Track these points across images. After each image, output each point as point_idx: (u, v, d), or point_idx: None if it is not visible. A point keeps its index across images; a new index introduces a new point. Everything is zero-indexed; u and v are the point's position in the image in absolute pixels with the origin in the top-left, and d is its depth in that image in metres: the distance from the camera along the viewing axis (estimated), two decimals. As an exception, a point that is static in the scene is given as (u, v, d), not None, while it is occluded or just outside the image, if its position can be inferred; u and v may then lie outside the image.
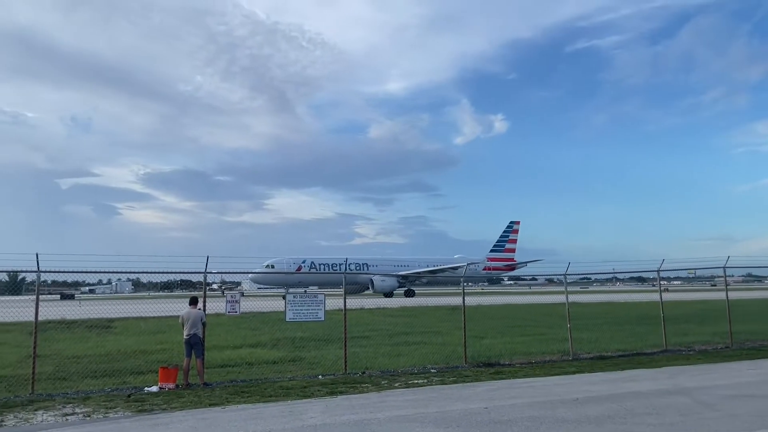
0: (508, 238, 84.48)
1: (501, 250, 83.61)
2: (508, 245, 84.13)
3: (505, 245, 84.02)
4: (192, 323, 12.39)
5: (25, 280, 65.84)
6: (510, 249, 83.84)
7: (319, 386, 12.08)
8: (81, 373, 13.76)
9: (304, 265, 59.39)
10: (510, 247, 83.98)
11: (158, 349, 17.63)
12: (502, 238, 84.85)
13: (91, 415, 9.77)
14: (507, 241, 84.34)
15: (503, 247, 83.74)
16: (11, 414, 9.89)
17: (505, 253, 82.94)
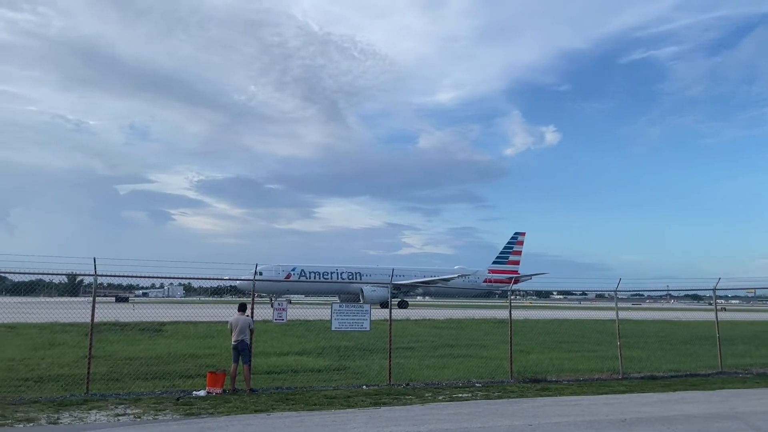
0: (512, 250, 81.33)
1: (504, 261, 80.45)
2: (512, 257, 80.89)
3: (509, 257, 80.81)
4: (240, 329, 12.63)
5: (83, 283, 68.51)
6: (514, 261, 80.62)
7: (363, 396, 12.10)
8: (133, 374, 14.17)
9: (294, 273, 57.41)
10: (514, 259, 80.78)
11: (207, 354, 18.01)
12: (505, 249, 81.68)
13: (141, 416, 10.05)
14: (511, 253, 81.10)
15: (506, 259, 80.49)
16: (67, 412, 10.27)
17: (509, 265, 79.73)
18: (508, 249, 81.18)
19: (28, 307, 38.81)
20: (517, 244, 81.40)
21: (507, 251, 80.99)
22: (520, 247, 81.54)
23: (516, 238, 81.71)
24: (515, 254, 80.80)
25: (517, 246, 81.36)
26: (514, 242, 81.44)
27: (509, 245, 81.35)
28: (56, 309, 34.79)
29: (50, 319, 25.94)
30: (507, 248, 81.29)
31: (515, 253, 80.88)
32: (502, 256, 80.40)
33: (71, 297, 66.81)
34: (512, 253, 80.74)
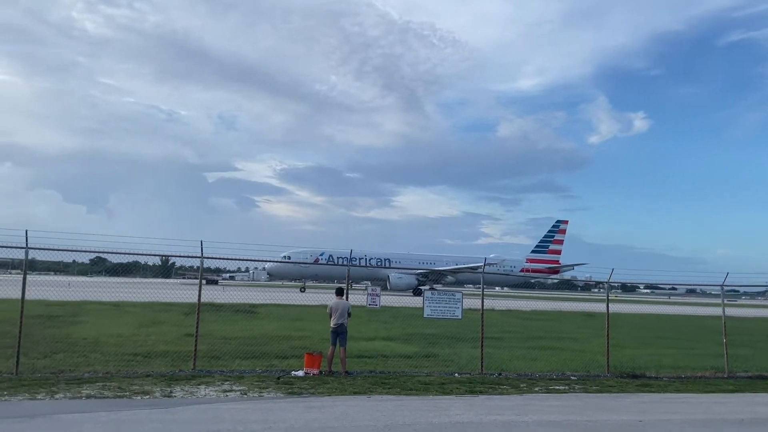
0: (552, 239, 76.77)
1: (544, 251, 76.16)
2: (553, 246, 76.30)
3: (549, 246, 76.33)
4: (340, 313, 12.90)
5: (174, 265, 72.09)
6: (555, 251, 76.05)
7: (457, 384, 12.07)
8: (232, 353, 14.75)
9: (322, 258, 57.59)
10: (555, 249, 76.22)
11: (298, 336, 18.52)
12: (546, 238, 77.22)
13: (247, 393, 10.47)
14: (551, 242, 76.54)
15: (546, 248, 76.11)
16: (178, 386, 10.84)
17: (549, 255, 75.44)
18: (549, 237, 77.05)
19: (128, 287, 41.32)
20: (558, 233, 77.17)
21: (548, 240, 76.93)
22: (561, 235, 77.24)
23: (558, 226, 77.57)
24: (556, 243, 76.49)
25: (558, 234, 77.13)
26: (556, 230, 77.34)
27: (550, 233, 77.35)
28: (153, 289, 36.83)
29: (150, 299, 27.49)
30: (548, 237, 77.23)
31: (556, 242, 76.60)
32: (542, 245, 76.50)
33: (164, 279, 70.39)
34: (553, 242, 76.54)
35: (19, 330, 11.81)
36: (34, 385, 10.39)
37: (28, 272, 12.90)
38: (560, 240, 76.77)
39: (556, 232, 77.19)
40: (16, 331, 16.25)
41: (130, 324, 19.80)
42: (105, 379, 11.26)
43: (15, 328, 17.21)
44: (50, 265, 66.69)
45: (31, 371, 11.62)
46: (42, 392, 9.83)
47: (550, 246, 76.10)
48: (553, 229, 77.40)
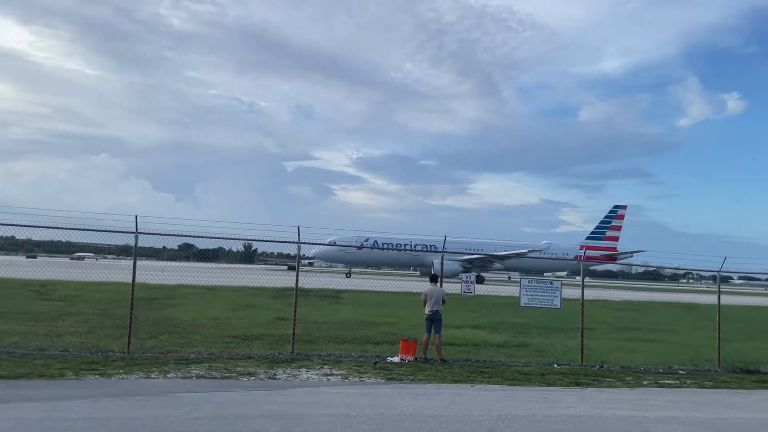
0: (610, 224, 72.40)
1: (600, 237, 71.90)
2: (610, 232, 71.94)
3: (606, 232, 72.09)
4: (435, 300, 12.76)
5: (257, 251, 74.27)
6: (612, 237, 71.65)
7: (558, 375, 11.68)
8: (324, 337, 14.90)
9: (367, 244, 56.97)
10: (612, 235, 71.83)
11: (386, 322, 18.53)
12: (602, 224, 72.92)
13: (348, 377, 10.51)
14: (609, 228, 72.18)
15: (603, 234, 71.88)
16: (280, 369, 11.03)
17: (606, 242, 71.09)
18: (606, 223, 73.05)
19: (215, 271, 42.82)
20: (616, 219, 73.04)
21: (604, 226, 72.96)
22: (619, 221, 73.12)
23: (615, 212, 73.39)
24: (614, 229, 72.45)
25: (616, 220, 73.02)
26: (613, 216, 73.26)
27: (607, 219, 73.32)
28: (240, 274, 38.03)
29: (241, 283, 28.34)
30: (604, 223, 73.26)
31: (614, 228, 72.55)
32: (598, 231, 72.63)
33: (247, 264, 72.66)
34: (610, 228, 72.50)
35: (130, 312, 12.34)
36: (146, 364, 10.83)
37: (129, 257, 13.44)
38: (618, 226, 72.96)
39: (614, 217, 73.38)
40: (123, 313, 17.10)
41: (224, 307, 20.46)
42: (210, 359, 11.62)
43: (122, 309, 18.14)
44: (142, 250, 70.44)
45: (141, 351, 12.13)
46: (155, 371, 10.23)
47: (606, 232, 72.52)
48: (611, 215, 73.67)
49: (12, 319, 15.30)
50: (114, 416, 6.85)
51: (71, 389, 8.55)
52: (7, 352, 11.31)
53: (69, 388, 8.70)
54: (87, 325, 15.07)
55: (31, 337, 13.07)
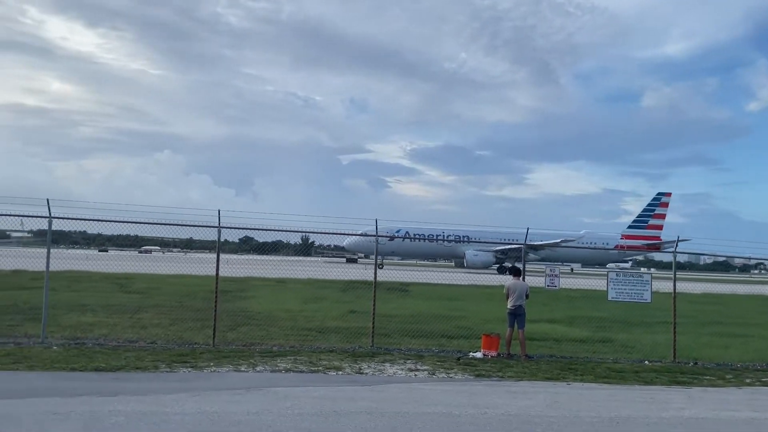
0: (653, 213, 68.18)
1: (643, 226, 67.67)
2: (653, 221, 67.61)
3: (649, 220, 67.85)
4: (518, 295, 12.39)
5: (314, 243, 75.12)
6: (655, 225, 67.31)
7: (653, 372, 11.15)
8: (398, 331, 14.74)
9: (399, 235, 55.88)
10: (655, 224, 67.51)
11: (457, 315, 18.22)
12: (645, 212, 68.77)
13: (435, 373, 10.30)
14: (652, 216, 67.94)
15: (646, 223, 67.66)
16: (364, 363, 10.91)
17: (649, 230, 66.73)
18: (649, 212, 68.98)
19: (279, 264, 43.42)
20: (660, 206, 68.88)
21: (647, 214, 68.89)
22: (663, 209, 68.99)
23: (659, 200, 69.22)
24: (657, 217, 68.20)
25: (659, 208, 68.86)
26: (657, 204, 69.11)
27: (650, 207, 69.21)
28: (302, 267, 38.43)
29: (310, 276, 28.69)
30: (647, 211, 69.17)
31: (657, 216, 68.32)
32: (640, 220, 68.60)
33: (303, 257, 73.56)
34: (653, 216, 68.36)
35: (214, 305, 12.47)
36: (232, 356, 10.92)
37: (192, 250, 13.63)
38: (662, 214, 68.92)
39: (657, 205, 69.36)
40: (200, 305, 17.45)
41: (296, 299, 20.60)
42: (293, 352, 11.62)
43: (198, 301, 18.53)
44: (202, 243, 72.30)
45: (225, 343, 12.26)
46: (243, 364, 10.29)
47: (649, 221, 68.50)
48: (654, 203, 69.73)
49: (97, 311, 15.80)
50: (218, 411, 6.84)
51: (169, 382, 8.67)
52: (99, 344, 11.63)
53: (166, 381, 8.82)
54: (168, 317, 15.39)
55: (119, 329, 13.42)
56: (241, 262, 45.73)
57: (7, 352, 10.28)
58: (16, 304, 16.16)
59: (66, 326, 13.16)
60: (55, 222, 12.08)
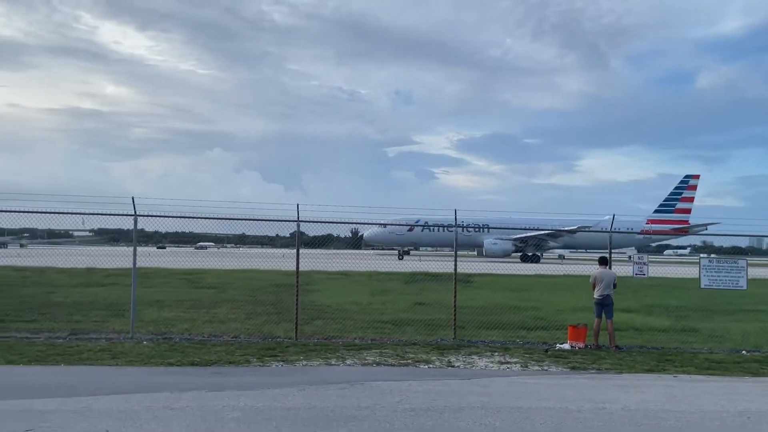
0: (680, 196, 64.90)
1: (670, 210, 64.36)
2: (681, 204, 64.37)
3: (676, 204, 64.55)
4: (605, 284, 11.96)
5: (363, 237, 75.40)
6: (683, 209, 64.03)
7: (755, 363, 10.61)
8: (472, 323, 14.44)
9: (417, 225, 56.62)
10: (683, 207, 64.23)
11: (529, 306, 17.86)
12: (672, 196, 65.35)
13: (527, 365, 10.01)
14: (679, 200, 64.69)
15: (673, 207, 64.36)
16: (451, 356, 10.70)
17: (676, 214, 63.40)
18: (676, 195, 65.72)
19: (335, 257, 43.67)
20: (687, 189, 65.60)
21: (674, 198, 65.67)
22: (691, 192, 65.65)
23: (686, 182, 65.89)
24: (685, 201, 65.03)
25: (687, 191, 65.58)
26: (684, 187, 65.83)
27: (677, 190, 65.91)
28: (357, 260, 38.56)
29: (370, 269, 28.73)
30: (674, 194, 65.91)
31: (685, 199, 65.14)
32: (667, 204, 65.42)
33: (354, 249, 73.88)
34: (680, 199, 65.24)
35: (296, 299, 12.46)
36: (318, 350, 10.88)
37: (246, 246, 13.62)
38: (690, 197, 65.73)
39: (685, 188, 66.15)
40: (271, 299, 17.60)
41: (362, 292, 20.57)
42: (377, 346, 11.51)
43: (268, 295, 18.70)
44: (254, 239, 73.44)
45: (305, 336, 12.24)
46: (332, 358, 10.22)
47: (677, 204, 65.45)
48: (681, 186, 66.53)
49: (174, 306, 16.06)
50: (330, 406, 6.75)
51: (267, 376, 8.65)
52: (185, 338, 11.77)
53: (264, 375, 8.81)
54: (242, 312, 15.51)
55: (198, 323, 13.58)
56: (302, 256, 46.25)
57: (102, 348, 10.48)
58: (96, 301, 16.57)
59: (148, 321, 13.39)
60: (115, 221, 12.30)
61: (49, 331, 12.06)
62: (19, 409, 6.35)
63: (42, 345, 10.61)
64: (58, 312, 14.35)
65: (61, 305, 15.49)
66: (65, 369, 8.82)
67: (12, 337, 11.38)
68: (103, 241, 61.36)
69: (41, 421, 5.90)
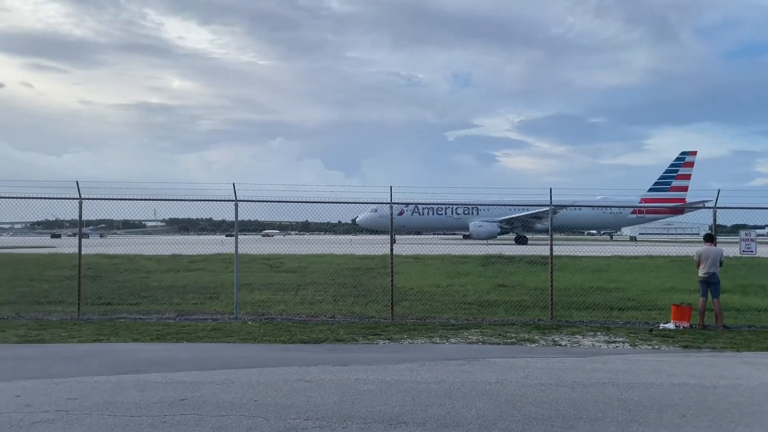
0: (676, 173, 62.20)
1: (666, 188, 61.58)
2: (677, 182, 61.60)
3: (672, 182, 61.84)
4: (711, 262, 11.58)
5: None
6: (679, 187, 61.15)
7: None
8: (560, 303, 14.22)
9: (407, 209, 56.27)
10: (679, 185, 61.36)
11: (613, 287, 17.47)
12: (668, 173, 62.61)
13: (635, 345, 9.83)
14: (674, 177, 61.96)
15: (669, 185, 61.66)
16: (553, 335, 10.62)
17: (672, 192, 60.55)
18: (671, 172, 63.14)
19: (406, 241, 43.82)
20: (683, 167, 63.08)
21: (669, 175, 63.05)
22: (688, 169, 63.10)
23: (683, 159, 63.22)
24: (681, 178, 62.55)
25: (683, 168, 63.12)
26: (680, 164, 63.22)
27: (673, 168, 63.31)
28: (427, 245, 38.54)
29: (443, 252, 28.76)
30: (670, 171, 63.30)
31: (681, 177, 62.66)
32: (662, 182, 62.78)
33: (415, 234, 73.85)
34: (676, 177, 62.75)
35: (391, 280, 12.63)
36: (419, 329, 11.01)
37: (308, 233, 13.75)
38: (686, 174, 63.24)
39: (681, 165, 63.63)
40: (351, 282, 17.86)
41: (439, 275, 20.60)
42: (474, 326, 11.53)
43: (347, 278, 18.98)
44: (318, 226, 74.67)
45: (399, 317, 12.37)
46: (434, 336, 10.32)
47: (672, 182, 63.03)
48: (677, 162, 63.95)
49: (263, 289, 16.49)
50: (456, 381, 6.80)
51: (380, 353, 8.82)
52: (286, 319, 12.10)
53: (376, 352, 8.98)
54: (327, 294, 15.78)
55: (291, 305, 13.92)
56: (360, 241, 46.81)
57: (213, 327, 10.91)
58: (189, 285, 17.21)
59: (245, 303, 13.80)
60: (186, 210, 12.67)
61: (157, 312, 12.63)
62: (167, 380, 6.69)
63: (156, 325, 11.14)
64: (159, 295, 14.99)
65: (158, 289, 16.17)
66: (189, 346, 9.23)
67: (125, 318, 12.00)
68: (173, 230, 64.06)
69: (191, 392, 6.19)
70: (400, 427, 5.10)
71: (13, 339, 9.71)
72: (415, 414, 5.47)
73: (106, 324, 11.22)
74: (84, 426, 5.09)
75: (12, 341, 9.55)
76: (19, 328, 10.62)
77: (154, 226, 66.08)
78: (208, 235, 56.07)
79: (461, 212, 57.19)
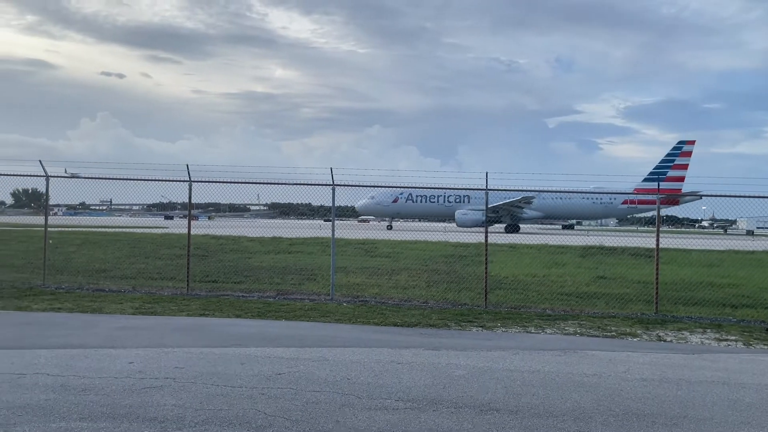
0: (673, 163, 58.48)
1: (662, 178, 54.81)
2: (673, 172, 57.13)
3: (668, 172, 56.88)
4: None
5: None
6: (675, 177, 56.31)
7: None
8: (666, 298, 13.40)
9: (401, 197, 57.24)
10: (675, 175, 56.55)
11: (725, 284, 16.36)
12: (664, 163, 59.02)
13: (750, 344, 9.14)
14: (671, 167, 58.17)
15: (665, 175, 56.29)
16: (658, 330, 10.08)
17: (668, 182, 55.38)
18: (668, 162, 58.80)
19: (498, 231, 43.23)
20: (680, 156, 58.87)
21: (666, 165, 58.72)
22: (685, 159, 59.02)
23: (680, 148, 58.89)
24: (678, 168, 58.31)
25: (680, 158, 58.94)
26: (677, 153, 58.99)
27: (669, 157, 59.03)
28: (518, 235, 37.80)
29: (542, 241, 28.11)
30: (666, 161, 59.03)
31: (678, 167, 58.38)
32: (658, 172, 57.86)
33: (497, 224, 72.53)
34: (673, 167, 58.47)
35: (485, 268, 12.49)
36: (513, 318, 10.81)
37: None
38: (683, 164, 59.28)
39: (678, 154, 59.67)
40: (444, 268, 17.83)
41: (536, 265, 20.10)
42: (572, 317, 11.17)
43: (441, 265, 18.96)
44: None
45: (493, 305, 12.19)
46: (529, 326, 10.10)
47: (668, 172, 58.77)
48: (674, 152, 59.96)
49: (357, 273, 16.82)
50: (553, 371, 6.64)
51: (473, 339, 8.76)
52: (379, 302, 12.27)
53: (469, 338, 8.93)
54: (421, 279, 15.82)
55: (385, 289, 14.09)
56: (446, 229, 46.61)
57: (310, 307, 11.28)
58: (288, 266, 17.86)
59: (340, 285, 14.11)
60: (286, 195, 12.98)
61: (259, 291, 13.22)
62: (266, 355, 7.00)
63: (258, 302, 11.68)
64: (260, 275, 15.68)
65: (260, 269, 16.91)
66: (287, 324, 9.61)
67: (229, 295, 12.66)
68: (275, 215, 67.01)
69: (288, 367, 6.44)
70: (491, 414, 5.04)
71: (129, 310, 10.53)
72: (508, 402, 5.39)
73: (212, 300, 11.89)
74: (189, 393, 5.43)
75: (128, 312, 10.36)
76: (134, 301, 11.50)
77: (258, 210, 69.59)
78: (307, 220, 58.18)
79: (453, 200, 58.02)
